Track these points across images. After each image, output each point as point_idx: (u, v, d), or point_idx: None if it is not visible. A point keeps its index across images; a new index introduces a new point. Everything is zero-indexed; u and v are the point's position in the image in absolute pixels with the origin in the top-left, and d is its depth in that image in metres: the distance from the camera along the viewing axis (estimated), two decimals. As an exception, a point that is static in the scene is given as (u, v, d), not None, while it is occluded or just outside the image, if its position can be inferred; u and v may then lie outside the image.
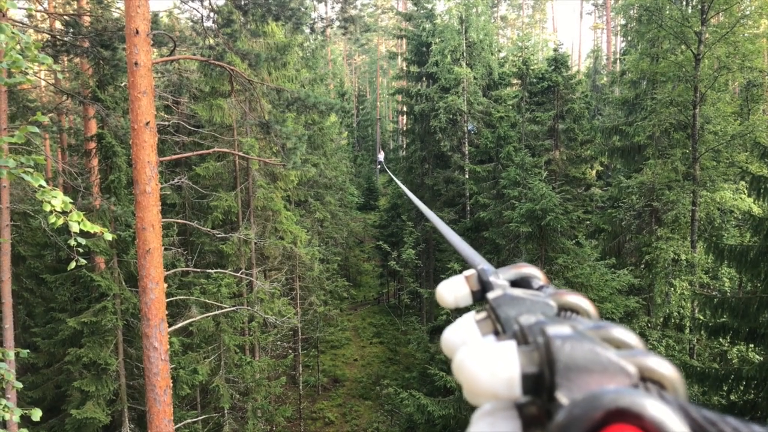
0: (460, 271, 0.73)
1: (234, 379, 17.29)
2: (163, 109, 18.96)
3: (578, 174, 26.67)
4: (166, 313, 9.49)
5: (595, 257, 17.75)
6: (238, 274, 15.21)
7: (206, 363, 15.75)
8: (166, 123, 16.56)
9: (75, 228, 4.01)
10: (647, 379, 0.40)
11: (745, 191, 18.34)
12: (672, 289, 18.75)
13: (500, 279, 0.62)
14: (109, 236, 4.37)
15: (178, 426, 10.88)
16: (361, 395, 26.11)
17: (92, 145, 14.89)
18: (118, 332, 13.65)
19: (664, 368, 0.40)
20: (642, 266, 19.52)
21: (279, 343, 22.57)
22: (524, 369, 0.41)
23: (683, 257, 18.63)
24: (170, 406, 9.47)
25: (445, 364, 18.35)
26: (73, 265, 4.45)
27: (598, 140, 25.08)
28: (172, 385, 9.60)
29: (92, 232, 4.20)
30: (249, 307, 17.30)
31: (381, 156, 37.85)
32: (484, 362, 0.42)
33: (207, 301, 13.90)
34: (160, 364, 9.10)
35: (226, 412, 16.90)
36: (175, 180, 12.41)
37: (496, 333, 0.52)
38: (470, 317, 0.55)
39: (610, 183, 24.83)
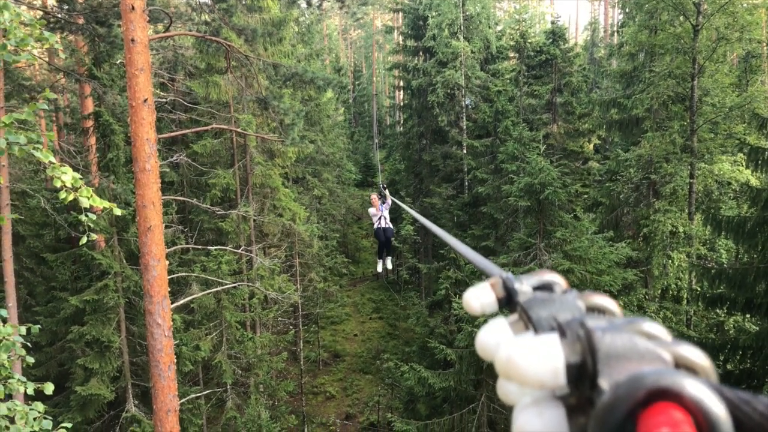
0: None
1: (236, 355, 17.46)
2: (158, 87, 18.81)
3: (576, 148, 26.64)
4: (168, 290, 9.55)
5: (593, 230, 17.82)
6: (239, 251, 15.26)
7: (208, 339, 15.89)
8: (163, 100, 16.46)
9: (85, 204, 4.03)
10: (681, 366, 0.43)
11: (743, 163, 18.36)
12: (670, 261, 18.87)
13: (524, 285, 0.65)
14: (118, 211, 4.40)
15: (182, 401, 11.00)
16: (362, 369, 26.38)
17: (89, 123, 14.82)
18: (120, 310, 13.73)
19: (697, 356, 0.43)
20: (640, 239, 19.61)
21: (280, 319, 22.73)
22: (568, 359, 0.44)
23: (681, 229, 18.72)
24: (174, 382, 9.57)
25: (445, 338, 18.53)
26: (84, 240, 4.47)
27: (596, 113, 25.00)
28: (175, 361, 9.70)
29: (96, 208, 4.22)
30: (249, 284, 17.40)
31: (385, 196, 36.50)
32: (531, 354, 0.45)
33: (208, 277, 13.98)
34: (163, 340, 9.18)
35: (228, 387, 17.08)
36: (174, 157, 12.39)
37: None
38: (502, 319, 0.58)
39: (608, 156, 24.81)
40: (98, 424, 14.18)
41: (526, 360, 0.45)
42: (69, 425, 4.24)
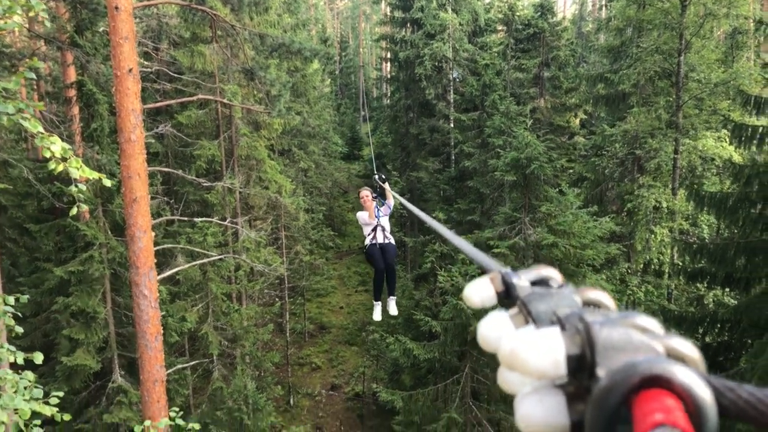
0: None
1: (222, 327, 17.52)
2: (142, 56, 18.51)
3: (562, 122, 26.72)
4: (155, 261, 9.54)
5: (577, 205, 17.97)
6: (224, 223, 15.22)
7: (194, 311, 15.92)
8: (148, 70, 16.21)
9: (75, 174, 3.99)
10: (672, 357, 0.47)
11: (727, 139, 18.53)
12: (652, 236, 19.11)
13: (522, 280, 0.67)
14: (108, 182, 4.37)
15: (168, 372, 11.08)
16: (347, 341, 26.61)
17: (72, 92, 14.57)
18: (105, 281, 13.69)
19: (687, 347, 0.47)
20: (623, 214, 19.82)
21: (266, 291, 22.81)
22: (568, 350, 0.48)
23: (664, 204, 18.93)
24: (161, 353, 9.62)
25: (430, 310, 18.71)
26: (74, 211, 4.44)
27: (583, 88, 25.03)
28: (162, 332, 9.73)
29: (82, 179, 4.18)
30: (235, 256, 17.39)
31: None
32: (533, 346, 0.48)
33: (194, 249, 13.95)
34: (150, 311, 9.20)
35: (215, 358, 17.18)
36: (159, 128, 12.24)
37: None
38: (503, 313, 0.61)
39: (594, 131, 24.90)
40: (84, 395, 14.23)
41: (529, 352, 0.48)
42: (61, 393, 4.26)
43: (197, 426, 5.47)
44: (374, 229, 7.81)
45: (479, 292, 0.71)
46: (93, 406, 14.17)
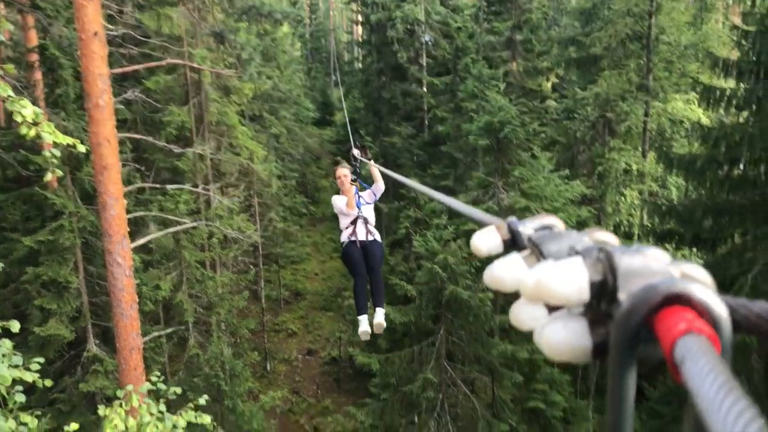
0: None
1: (197, 294, 17.45)
2: (106, 19, 17.87)
3: (534, 86, 26.72)
4: (128, 229, 9.42)
5: (549, 169, 18.16)
6: (197, 190, 15.04)
7: (168, 279, 15.81)
8: (113, 33, 15.71)
9: (48, 139, 3.89)
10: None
11: (696, 101, 18.79)
12: (622, 198, 19.45)
13: (527, 228, 0.71)
14: (82, 148, 4.27)
15: (144, 340, 11.03)
16: (323, 307, 26.75)
17: (34, 57, 14.11)
18: (76, 250, 13.48)
19: (700, 272, 0.50)
20: (594, 177, 20.07)
21: (240, 258, 22.68)
22: (591, 277, 0.51)
23: (634, 167, 19.23)
24: (137, 321, 9.58)
25: (405, 275, 18.87)
26: (48, 176, 4.35)
27: (555, 51, 25.04)
28: (137, 300, 9.66)
29: (47, 145, 4.08)
30: (208, 223, 17.25)
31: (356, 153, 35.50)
32: (559, 275, 0.51)
33: (166, 217, 13.79)
34: (124, 279, 9.12)
35: (190, 325, 17.15)
36: (128, 93, 11.93)
37: None
38: (516, 255, 0.64)
39: (565, 95, 25.00)
40: (59, 364, 14.12)
41: (556, 280, 0.51)
42: (42, 359, 4.22)
43: (179, 390, 5.49)
44: (354, 222, 6.01)
45: (487, 241, 0.74)
46: (68, 375, 14.08)
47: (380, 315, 5.93)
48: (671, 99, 19.61)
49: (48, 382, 4.28)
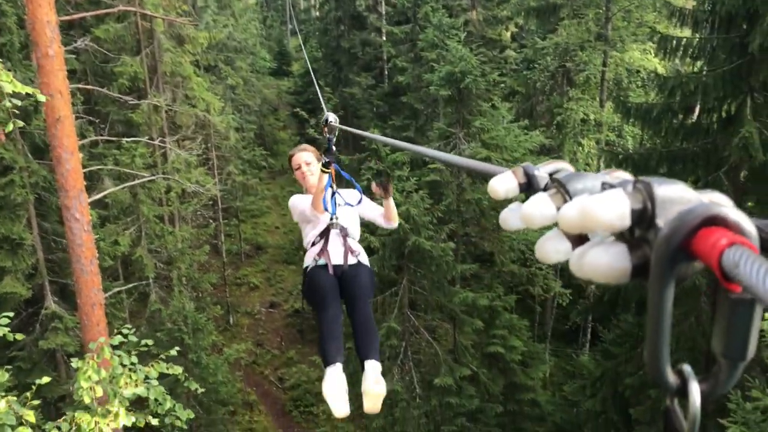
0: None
1: (156, 249, 17.22)
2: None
3: (494, 35, 26.58)
4: (84, 184, 9.16)
5: (509, 119, 18.26)
6: (153, 143, 14.66)
7: (126, 234, 15.53)
8: (56, -22, 14.89)
9: (8, 88, 3.71)
10: None
11: (653, 51, 19.00)
12: (580, 147, 19.74)
13: (542, 171, 0.76)
14: (42, 98, 4.09)
15: (106, 296, 10.86)
16: (285, 260, 26.74)
17: (-28, 2, 13.30)
18: (29, 206, 13.07)
19: (726, 200, 0.54)
20: (553, 127, 20.27)
21: (199, 213, 22.42)
22: (633, 205, 0.54)
23: (592, 117, 19.47)
24: (98, 276, 9.41)
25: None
26: (10, 127, 4.16)
27: (515, 0, 24.82)
28: (97, 255, 9.48)
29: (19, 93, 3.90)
30: (166, 177, 16.90)
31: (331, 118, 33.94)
32: (603, 203, 0.55)
33: (122, 170, 13.44)
34: (83, 235, 8.92)
35: (151, 281, 16.97)
36: (78, 42, 11.41)
37: None
38: (543, 194, 0.68)
39: (525, 45, 24.95)
40: (16, 322, 13.82)
41: (600, 208, 0.55)
42: (11, 314, 4.14)
43: (150, 342, 5.48)
44: (324, 234, 3.88)
45: (504, 183, 0.79)
46: (26, 333, 13.84)
47: (374, 372, 3.51)
48: (629, 48, 19.78)
49: (19, 336, 4.21)
